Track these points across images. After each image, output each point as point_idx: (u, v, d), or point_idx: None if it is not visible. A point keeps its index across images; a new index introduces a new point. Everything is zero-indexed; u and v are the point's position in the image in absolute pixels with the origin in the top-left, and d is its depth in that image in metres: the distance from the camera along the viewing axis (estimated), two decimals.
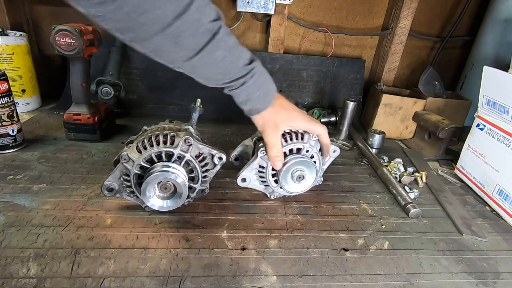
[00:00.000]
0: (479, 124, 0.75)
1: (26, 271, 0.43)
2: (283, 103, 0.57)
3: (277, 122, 0.55)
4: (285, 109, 0.57)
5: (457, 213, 0.65)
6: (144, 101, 1.06)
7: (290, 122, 0.57)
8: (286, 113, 0.56)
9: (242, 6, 1.01)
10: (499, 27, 1.02)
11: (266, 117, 0.55)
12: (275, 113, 0.55)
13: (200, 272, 0.46)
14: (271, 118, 0.55)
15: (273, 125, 0.55)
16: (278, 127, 0.56)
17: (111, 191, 0.55)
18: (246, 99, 0.52)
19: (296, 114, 0.58)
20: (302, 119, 0.58)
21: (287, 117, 0.57)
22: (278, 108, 0.55)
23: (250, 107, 0.53)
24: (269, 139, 0.55)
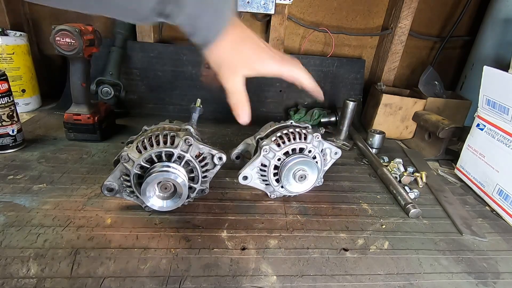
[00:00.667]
0: (479, 124, 0.75)
1: (26, 271, 0.43)
2: (244, 34, 0.44)
3: (235, 64, 0.44)
4: (247, 44, 0.44)
5: (457, 213, 0.65)
6: (144, 101, 1.06)
7: (254, 64, 0.45)
8: (249, 51, 0.44)
9: (242, 6, 1.01)
10: (499, 27, 1.02)
11: (221, 55, 0.42)
12: (233, 51, 0.43)
13: (200, 272, 0.46)
14: (228, 58, 0.43)
15: (230, 67, 0.44)
16: (236, 70, 0.44)
17: (111, 191, 0.55)
18: (191, 26, 0.40)
19: (263, 52, 0.45)
20: (271, 59, 0.45)
21: (250, 58, 0.44)
22: (238, 42, 0.42)
23: (200, 39, 0.41)
24: (226, 84, 0.45)
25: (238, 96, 0.46)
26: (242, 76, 0.45)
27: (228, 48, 0.42)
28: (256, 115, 1.21)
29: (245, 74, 0.45)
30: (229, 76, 0.44)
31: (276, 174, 0.61)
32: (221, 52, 0.42)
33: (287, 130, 0.61)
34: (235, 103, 0.47)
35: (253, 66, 0.45)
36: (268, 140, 0.60)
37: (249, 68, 0.45)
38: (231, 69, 0.44)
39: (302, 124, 0.65)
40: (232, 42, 0.42)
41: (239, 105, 0.47)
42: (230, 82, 0.45)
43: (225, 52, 0.42)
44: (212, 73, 0.46)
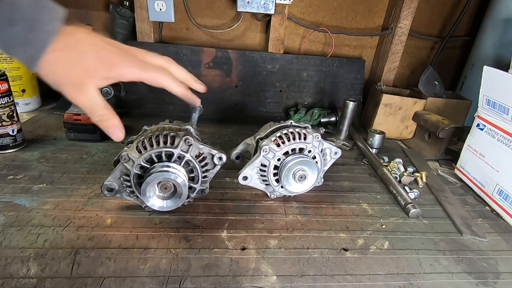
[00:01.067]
0: (479, 124, 0.75)
1: (26, 271, 0.43)
2: (84, 40, 0.36)
3: (78, 76, 0.36)
4: (88, 51, 0.36)
5: (457, 213, 0.65)
6: (144, 101, 1.06)
7: (101, 71, 0.37)
8: (92, 59, 0.36)
9: (242, 6, 1.01)
10: (499, 27, 1.02)
11: (56, 70, 0.35)
12: (70, 62, 0.35)
13: (200, 272, 0.46)
14: (66, 72, 0.35)
15: (73, 81, 0.36)
16: (81, 82, 0.37)
17: (111, 191, 0.55)
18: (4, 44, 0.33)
19: (112, 57, 0.38)
20: (125, 63, 0.39)
21: (95, 65, 0.37)
22: (75, 51, 0.35)
23: (22, 57, 0.34)
24: (77, 101, 0.38)
25: (98, 110, 0.39)
26: (94, 87, 0.38)
27: (63, 61, 0.35)
28: (256, 115, 1.22)
29: (96, 84, 0.38)
30: (77, 91, 0.37)
31: (276, 174, 0.61)
32: (55, 67, 0.35)
33: (287, 130, 0.61)
34: (98, 120, 0.40)
35: (102, 74, 0.38)
36: (268, 140, 0.60)
37: (97, 76, 0.38)
38: (74, 82, 0.36)
39: (302, 124, 0.65)
40: (66, 52, 0.35)
41: (104, 120, 0.40)
42: (80, 97, 0.37)
43: (60, 66, 0.35)
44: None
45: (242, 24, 1.14)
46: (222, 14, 1.12)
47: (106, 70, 0.38)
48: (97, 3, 1.07)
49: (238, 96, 1.11)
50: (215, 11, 1.11)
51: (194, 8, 1.09)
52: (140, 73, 0.40)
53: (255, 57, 1.09)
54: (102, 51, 0.37)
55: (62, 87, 0.36)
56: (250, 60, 1.09)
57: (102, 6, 1.07)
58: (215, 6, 1.10)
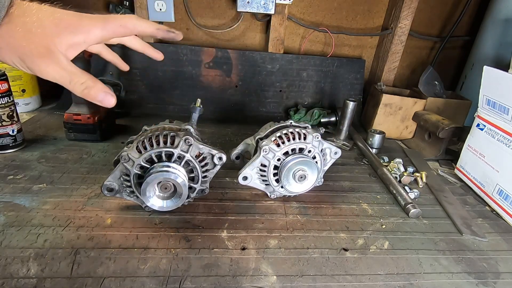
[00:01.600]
0: (479, 124, 0.75)
1: (26, 271, 0.43)
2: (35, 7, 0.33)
3: (41, 43, 0.32)
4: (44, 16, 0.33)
5: (457, 213, 0.65)
6: (144, 101, 1.06)
7: (70, 36, 0.34)
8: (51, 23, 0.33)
9: (242, 6, 1.01)
10: (499, 27, 1.02)
11: (13, 41, 0.31)
12: (26, 29, 0.31)
13: (200, 272, 0.46)
14: (25, 40, 0.31)
15: (37, 51, 0.32)
16: (47, 51, 0.32)
17: (111, 191, 0.55)
18: None
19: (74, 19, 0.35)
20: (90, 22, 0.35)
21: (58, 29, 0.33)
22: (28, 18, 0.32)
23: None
24: (48, 73, 0.33)
25: (77, 77, 0.34)
26: (62, 55, 0.33)
27: (20, 30, 0.31)
28: (256, 115, 1.22)
29: (64, 52, 0.34)
30: (46, 62, 0.32)
31: (276, 174, 0.61)
32: (12, 38, 0.31)
33: (287, 130, 0.61)
34: (83, 90, 0.35)
35: (67, 39, 0.33)
36: (268, 140, 0.60)
37: (63, 43, 0.33)
38: (39, 52, 0.32)
39: (301, 124, 0.65)
40: (22, 21, 0.31)
41: (89, 88, 0.35)
42: (51, 67, 0.33)
43: (17, 37, 0.31)
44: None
45: (242, 24, 1.14)
46: (222, 14, 1.12)
47: (70, 33, 0.34)
48: (97, 3, 1.07)
49: (238, 96, 1.11)
50: (215, 11, 1.11)
51: (194, 8, 1.09)
52: (104, 25, 0.36)
53: (255, 57, 1.09)
54: (60, 16, 0.34)
55: (28, 61, 0.32)
56: (250, 60, 1.09)
57: (102, 6, 1.07)
58: (215, 6, 1.10)
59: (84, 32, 0.35)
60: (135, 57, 1.04)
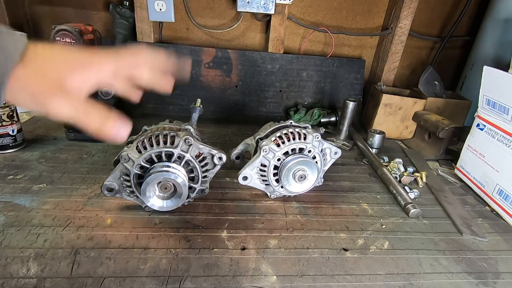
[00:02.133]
0: (479, 124, 0.75)
1: (26, 271, 0.43)
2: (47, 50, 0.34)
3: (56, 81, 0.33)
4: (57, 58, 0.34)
5: (457, 213, 0.65)
6: (144, 101, 1.06)
7: (82, 72, 0.34)
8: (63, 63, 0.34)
9: (242, 6, 1.01)
10: (499, 27, 1.02)
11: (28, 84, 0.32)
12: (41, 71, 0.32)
13: (200, 272, 0.46)
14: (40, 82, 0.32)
15: (52, 89, 0.32)
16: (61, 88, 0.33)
17: (111, 191, 0.55)
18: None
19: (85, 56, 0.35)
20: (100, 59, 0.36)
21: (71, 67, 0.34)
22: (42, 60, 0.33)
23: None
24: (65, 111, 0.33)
25: (94, 111, 0.34)
26: (76, 91, 0.34)
27: (35, 73, 0.32)
28: (256, 115, 1.22)
29: (77, 88, 0.34)
30: (60, 100, 0.33)
31: (276, 174, 0.61)
32: (28, 82, 0.32)
33: (287, 130, 0.61)
34: (99, 125, 0.35)
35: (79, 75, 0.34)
36: (268, 140, 0.60)
37: (75, 79, 0.34)
38: (54, 90, 0.33)
39: (301, 124, 0.65)
40: (36, 65, 0.32)
41: (105, 122, 0.35)
42: (66, 104, 0.33)
43: (32, 79, 0.32)
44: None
45: (242, 24, 1.14)
46: (222, 14, 1.12)
47: (82, 70, 0.34)
48: (97, 3, 1.07)
49: (238, 96, 1.11)
50: (215, 11, 1.11)
51: (194, 8, 1.09)
52: (117, 61, 0.37)
53: (255, 57, 1.09)
54: (73, 56, 0.35)
55: (40, 99, 0.32)
56: (250, 60, 1.09)
57: (102, 6, 1.07)
58: (215, 6, 1.10)
59: (96, 68, 0.35)
60: None
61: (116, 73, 0.37)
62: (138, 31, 1.04)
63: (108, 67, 0.36)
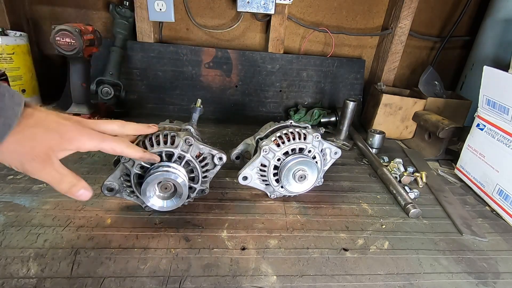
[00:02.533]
0: (479, 124, 0.75)
1: (26, 271, 0.43)
2: (41, 117, 0.38)
3: (43, 151, 0.37)
4: (49, 127, 0.38)
5: (457, 213, 0.65)
6: (144, 101, 1.06)
7: (68, 145, 0.39)
8: (55, 134, 0.38)
9: (242, 6, 1.01)
10: (499, 27, 1.02)
11: (19, 149, 0.36)
12: (33, 138, 0.36)
13: (200, 272, 0.46)
14: (30, 149, 0.36)
15: (39, 158, 0.37)
16: (45, 157, 0.38)
17: (111, 191, 0.55)
18: None
19: (74, 130, 0.40)
20: (87, 136, 0.41)
21: (60, 140, 0.38)
22: (35, 128, 0.37)
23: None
24: (43, 176, 0.39)
25: (66, 178, 0.40)
26: (56, 159, 0.39)
27: (27, 139, 0.36)
28: (256, 115, 1.22)
29: (58, 156, 0.39)
30: (43, 166, 0.38)
31: (276, 174, 0.61)
32: (19, 147, 0.36)
33: (287, 130, 0.61)
34: (69, 188, 0.40)
35: (64, 147, 0.40)
36: (268, 140, 0.60)
37: (60, 149, 0.39)
38: (40, 158, 0.37)
39: (301, 124, 0.65)
40: (30, 131, 0.36)
41: (74, 186, 0.40)
42: (46, 171, 0.38)
43: (24, 145, 0.36)
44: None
45: (242, 24, 1.14)
46: (222, 14, 1.12)
47: (68, 143, 0.39)
48: (97, 3, 1.07)
49: (238, 96, 1.11)
50: (215, 11, 1.11)
51: (194, 8, 1.09)
52: (99, 144, 0.43)
53: (255, 57, 1.09)
54: (63, 127, 0.39)
55: (27, 165, 0.37)
56: (250, 60, 1.09)
57: (102, 6, 1.07)
58: (215, 6, 1.11)
59: (80, 143, 0.41)
60: (135, 57, 1.04)
61: (94, 150, 0.43)
62: (138, 31, 1.04)
63: (90, 145, 0.42)
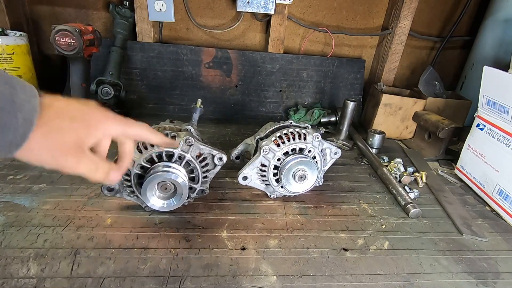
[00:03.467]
0: (479, 124, 0.75)
1: (26, 271, 0.43)
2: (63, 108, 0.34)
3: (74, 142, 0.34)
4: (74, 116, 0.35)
5: (457, 213, 0.65)
6: (144, 101, 1.06)
7: (95, 131, 0.36)
8: (81, 123, 0.35)
9: (242, 6, 1.01)
10: (499, 27, 1.02)
11: (48, 144, 0.33)
12: (60, 130, 0.33)
13: (200, 272, 0.46)
14: (59, 141, 0.33)
15: (71, 150, 0.34)
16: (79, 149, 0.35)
17: (111, 191, 0.55)
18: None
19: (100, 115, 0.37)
20: (113, 121, 0.39)
21: (88, 127, 0.36)
22: (59, 119, 0.34)
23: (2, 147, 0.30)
24: (81, 170, 0.36)
25: (102, 167, 0.38)
26: (87, 149, 0.36)
27: (54, 132, 0.33)
28: (256, 115, 1.22)
29: (88, 144, 0.36)
30: (77, 159, 0.35)
31: (276, 174, 0.61)
32: (47, 141, 0.33)
33: (287, 130, 0.61)
34: (103, 177, 0.39)
35: (94, 134, 0.36)
36: (268, 140, 0.60)
37: (90, 138, 0.36)
38: (72, 151, 0.34)
39: (301, 124, 0.65)
40: (54, 123, 0.33)
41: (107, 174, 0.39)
42: (83, 163, 0.36)
43: (52, 139, 0.33)
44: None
45: (242, 24, 1.14)
46: (222, 14, 1.12)
47: (95, 130, 0.37)
48: (97, 3, 1.07)
49: (238, 96, 1.11)
50: (215, 11, 1.11)
51: (194, 8, 1.09)
52: (125, 129, 0.40)
53: (255, 57, 1.09)
54: (87, 114, 0.37)
55: (61, 160, 0.34)
56: (250, 60, 1.09)
57: (102, 6, 1.07)
58: (215, 6, 1.10)
59: (108, 128, 0.38)
60: (135, 57, 1.04)
61: (118, 136, 0.42)
62: (138, 31, 1.04)
63: (116, 130, 0.40)
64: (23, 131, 0.30)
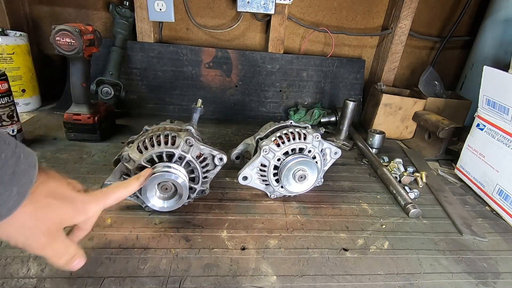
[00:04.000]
0: (479, 124, 0.75)
1: (26, 271, 0.43)
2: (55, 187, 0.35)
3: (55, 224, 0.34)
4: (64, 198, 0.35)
5: (457, 213, 0.65)
6: (144, 101, 1.06)
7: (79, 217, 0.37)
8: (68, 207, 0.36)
9: (242, 6, 1.01)
10: (499, 27, 1.02)
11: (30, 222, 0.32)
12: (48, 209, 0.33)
13: (200, 272, 0.46)
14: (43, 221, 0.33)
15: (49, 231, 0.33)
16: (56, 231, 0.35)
17: None
18: None
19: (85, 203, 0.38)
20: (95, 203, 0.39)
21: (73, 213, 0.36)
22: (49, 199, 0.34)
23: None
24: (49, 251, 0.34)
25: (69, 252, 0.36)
26: (63, 231, 0.36)
27: (42, 210, 0.33)
28: (256, 115, 1.22)
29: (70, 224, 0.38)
30: (50, 240, 0.34)
31: (276, 174, 0.61)
32: (31, 219, 0.32)
33: (287, 130, 0.61)
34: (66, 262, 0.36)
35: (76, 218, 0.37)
36: (268, 140, 0.60)
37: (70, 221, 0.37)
38: (50, 232, 0.34)
39: (301, 124, 0.65)
40: (45, 202, 0.33)
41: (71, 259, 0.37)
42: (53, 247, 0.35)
43: (37, 216, 0.32)
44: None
45: (242, 24, 1.14)
46: (222, 14, 1.12)
47: (80, 215, 0.38)
48: (97, 3, 1.07)
49: (238, 96, 1.11)
50: (215, 11, 1.11)
51: (194, 8, 1.09)
52: (104, 204, 0.41)
53: (255, 57, 1.09)
54: (76, 199, 0.37)
55: (32, 240, 0.33)
56: (250, 60, 1.09)
57: (102, 6, 1.07)
58: (215, 6, 1.10)
59: (90, 212, 0.39)
60: (135, 57, 1.04)
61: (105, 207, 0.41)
62: (138, 31, 1.04)
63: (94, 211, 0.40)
64: (12, 204, 0.29)
